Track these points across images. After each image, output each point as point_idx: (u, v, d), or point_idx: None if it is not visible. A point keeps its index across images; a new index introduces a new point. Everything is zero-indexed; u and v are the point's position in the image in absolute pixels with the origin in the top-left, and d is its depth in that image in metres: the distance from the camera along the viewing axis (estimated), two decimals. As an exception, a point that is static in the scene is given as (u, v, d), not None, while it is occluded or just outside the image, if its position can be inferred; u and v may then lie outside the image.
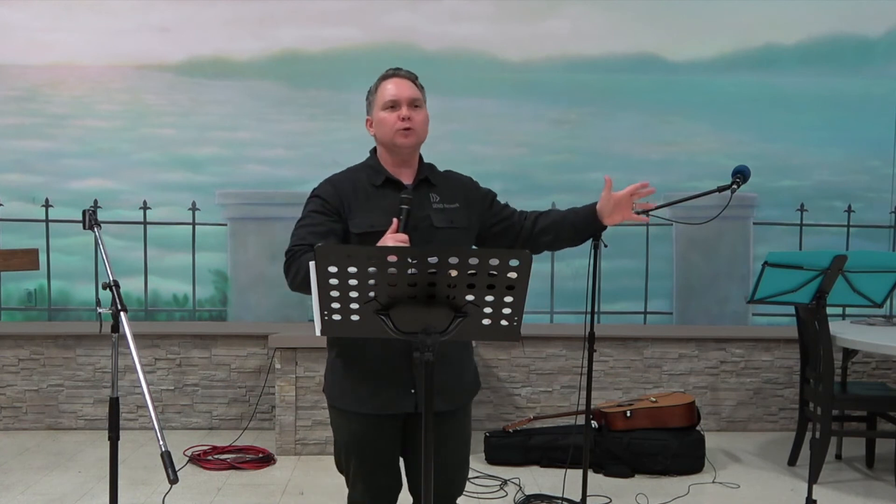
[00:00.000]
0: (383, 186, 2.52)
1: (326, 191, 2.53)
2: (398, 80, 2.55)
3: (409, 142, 2.51)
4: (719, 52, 5.57)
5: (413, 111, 2.51)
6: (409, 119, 2.49)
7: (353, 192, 2.52)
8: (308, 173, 5.36)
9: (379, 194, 2.51)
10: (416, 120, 2.51)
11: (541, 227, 2.67)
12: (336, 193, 2.51)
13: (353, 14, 5.41)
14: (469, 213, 2.59)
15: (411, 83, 2.56)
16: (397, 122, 2.49)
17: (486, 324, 1.97)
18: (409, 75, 2.57)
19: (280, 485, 4.35)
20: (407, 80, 2.56)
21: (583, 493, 3.59)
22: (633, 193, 2.68)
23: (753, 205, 5.63)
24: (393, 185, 2.52)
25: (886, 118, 5.63)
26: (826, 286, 3.45)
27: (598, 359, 4.90)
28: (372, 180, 2.53)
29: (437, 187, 2.57)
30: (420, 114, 2.54)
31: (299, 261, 2.40)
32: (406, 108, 2.50)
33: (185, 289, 5.52)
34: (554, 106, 5.57)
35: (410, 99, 2.52)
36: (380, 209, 2.47)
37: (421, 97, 2.56)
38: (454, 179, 2.65)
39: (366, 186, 2.53)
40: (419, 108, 2.54)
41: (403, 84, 2.54)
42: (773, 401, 5.44)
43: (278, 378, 4.85)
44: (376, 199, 2.50)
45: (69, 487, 4.24)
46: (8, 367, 5.25)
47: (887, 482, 4.46)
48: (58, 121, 5.44)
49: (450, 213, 2.54)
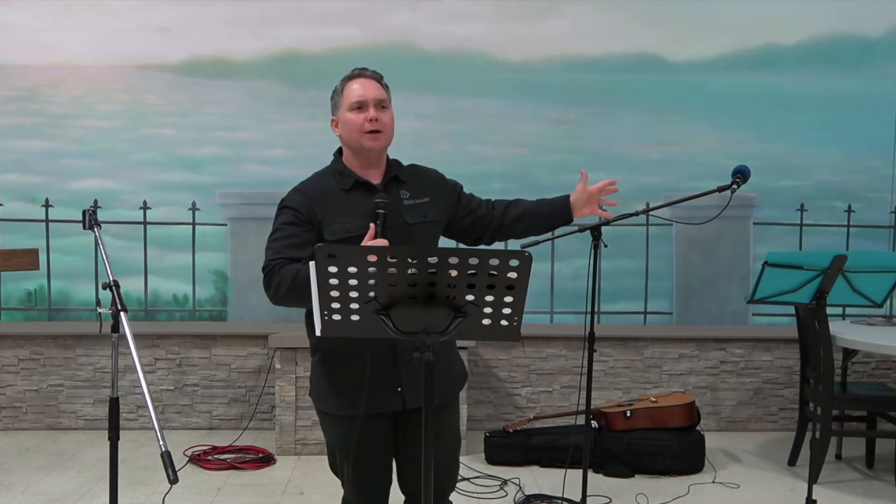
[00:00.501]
0: (353, 190, 2.50)
1: (296, 200, 2.50)
2: (364, 80, 2.51)
3: (378, 144, 2.49)
4: (719, 52, 5.58)
5: (380, 112, 2.47)
6: (376, 120, 2.46)
7: (324, 198, 2.48)
8: (308, 173, 5.33)
9: (350, 198, 2.48)
10: (383, 121, 2.47)
11: (512, 217, 2.69)
12: (307, 202, 2.48)
13: (353, 14, 5.42)
14: (439, 206, 2.58)
15: (377, 83, 2.52)
16: (365, 124, 2.46)
17: (486, 324, 1.97)
18: (374, 75, 2.53)
19: (280, 485, 4.35)
20: (373, 80, 2.51)
21: (583, 493, 3.59)
22: (602, 190, 2.72)
23: (753, 205, 5.63)
24: (363, 188, 2.50)
25: (886, 118, 5.63)
26: (826, 286, 3.45)
27: (598, 359, 4.90)
28: (341, 185, 2.51)
29: (406, 183, 2.55)
30: (387, 115, 2.50)
31: (279, 274, 2.40)
32: (373, 109, 2.46)
33: (185, 289, 5.52)
34: (554, 106, 5.57)
35: (377, 100, 2.48)
36: (353, 213, 2.44)
37: (387, 98, 2.52)
38: (421, 174, 2.63)
39: (335, 192, 2.50)
40: (386, 108, 2.50)
41: (370, 84, 2.50)
42: (773, 401, 5.44)
43: (278, 378, 4.85)
44: (348, 204, 2.47)
45: (69, 487, 4.24)
46: (8, 367, 5.25)
47: (887, 482, 4.46)
48: (58, 121, 5.44)
49: (421, 207, 2.52)
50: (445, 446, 2.56)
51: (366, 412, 2.45)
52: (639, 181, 5.54)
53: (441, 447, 2.47)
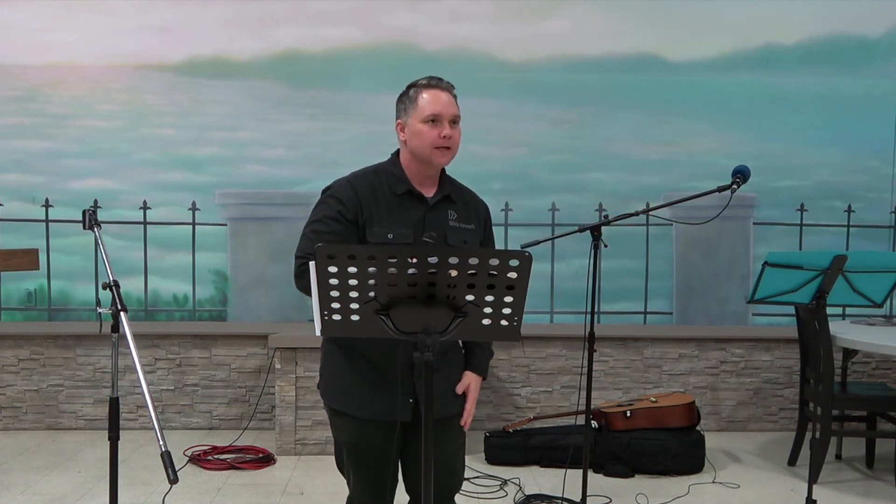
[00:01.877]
0: (404, 196, 2.47)
1: (346, 194, 2.45)
2: (440, 92, 2.46)
3: (446, 161, 2.47)
4: (719, 52, 5.58)
5: (453, 129, 2.45)
6: (449, 138, 2.43)
7: (374, 198, 2.45)
8: (308, 173, 5.38)
9: (400, 205, 2.46)
10: (455, 139, 2.45)
11: None
12: (356, 197, 2.44)
13: (353, 14, 5.41)
14: (476, 237, 2.57)
15: (452, 98, 2.48)
16: (438, 140, 2.42)
17: (486, 324, 1.97)
18: (449, 87, 2.49)
19: (280, 485, 4.35)
20: (448, 93, 2.47)
21: (583, 493, 3.58)
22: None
23: (753, 205, 5.63)
24: (415, 198, 2.48)
25: (886, 118, 5.63)
26: (826, 286, 3.45)
27: (598, 359, 4.90)
28: (393, 188, 2.47)
29: (457, 205, 2.54)
30: (458, 131, 2.47)
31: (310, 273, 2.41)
32: (448, 126, 2.43)
33: (185, 289, 5.52)
34: (554, 106, 5.57)
35: (453, 116, 2.45)
36: (400, 222, 2.43)
37: (459, 114, 2.48)
38: (472, 201, 2.60)
39: (387, 194, 2.46)
40: (456, 125, 2.47)
41: (446, 99, 2.45)
42: (773, 401, 5.44)
43: (278, 378, 4.85)
44: (397, 211, 2.45)
45: (69, 487, 4.24)
46: (8, 367, 5.25)
47: (887, 482, 4.46)
48: (58, 121, 5.44)
49: (465, 233, 2.51)
50: (448, 450, 2.54)
51: (377, 417, 2.44)
52: (639, 181, 5.54)
53: (445, 455, 2.48)
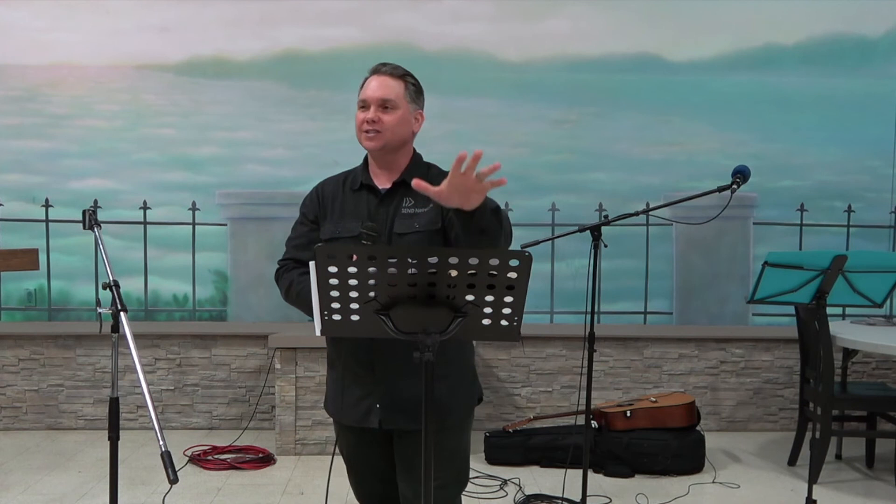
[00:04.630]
0: (360, 190, 2.45)
1: (310, 197, 2.52)
2: (377, 77, 2.39)
3: (373, 145, 2.37)
4: (719, 52, 5.57)
5: (382, 112, 2.35)
6: (372, 122, 2.34)
7: (333, 197, 2.47)
8: (308, 173, 5.37)
9: (354, 199, 2.44)
10: (384, 122, 2.35)
11: None
12: (317, 198, 2.48)
13: (353, 14, 5.42)
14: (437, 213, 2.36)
15: (390, 81, 2.38)
16: (363, 124, 2.37)
17: (486, 324, 1.97)
18: (392, 71, 2.40)
19: (280, 485, 4.35)
20: (388, 77, 2.38)
21: (583, 493, 3.59)
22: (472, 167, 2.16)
23: (753, 205, 5.62)
24: (369, 190, 2.44)
25: (886, 118, 5.63)
26: (826, 286, 3.45)
27: (598, 359, 4.90)
28: (353, 184, 2.47)
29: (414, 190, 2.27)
30: (392, 115, 2.36)
31: (283, 278, 2.45)
32: (373, 109, 2.35)
33: (185, 289, 5.52)
34: (554, 106, 5.57)
35: (380, 100, 2.35)
36: (350, 215, 2.41)
37: (396, 98, 2.36)
38: (436, 178, 2.23)
39: (347, 191, 2.47)
40: (390, 109, 2.36)
41: (375, 83, 2.38)
42: (773, 401, 5.44)
43: (278, 378, 4.85)
44: (351, 205, 2.43)
45: (69, 487, 4.24)
46: (8, 367, 5.25)
47: (887, 482, 4.46)
48: (58, 121, 5.44)
49: (418, 217, 2.36)
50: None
51: (358, 424, 2.41)
52: (639, 181, 5.54)
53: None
